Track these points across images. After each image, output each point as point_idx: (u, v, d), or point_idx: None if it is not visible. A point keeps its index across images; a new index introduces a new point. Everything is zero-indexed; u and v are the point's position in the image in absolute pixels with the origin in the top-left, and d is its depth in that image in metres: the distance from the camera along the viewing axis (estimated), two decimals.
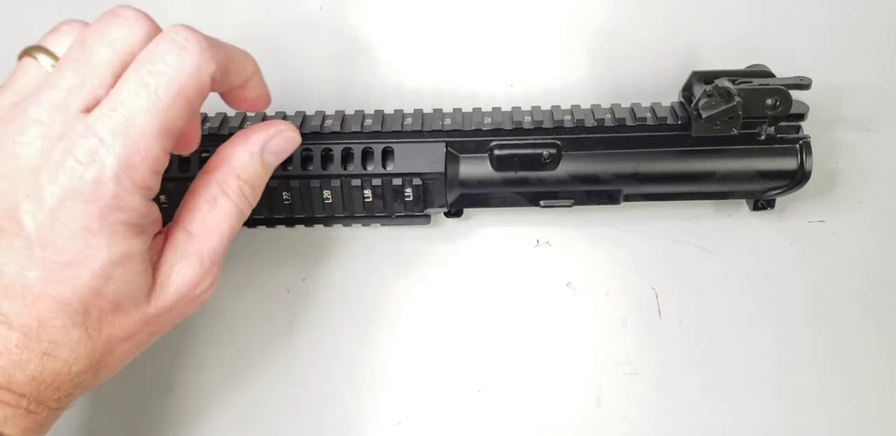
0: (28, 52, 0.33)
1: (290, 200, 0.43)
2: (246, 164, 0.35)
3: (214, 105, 0.48)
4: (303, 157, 0.43)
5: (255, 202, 0.35)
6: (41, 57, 0.32)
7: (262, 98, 0.36)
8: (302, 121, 0.43)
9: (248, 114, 0.44)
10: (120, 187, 0.30)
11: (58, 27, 0.33)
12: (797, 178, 0.43)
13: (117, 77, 0.31)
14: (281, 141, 0.36)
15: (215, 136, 0.42)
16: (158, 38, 0.31)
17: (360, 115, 0.44)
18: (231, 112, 0.44)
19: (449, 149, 0.43)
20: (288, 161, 0.43)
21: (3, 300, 0.30)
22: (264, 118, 0.44)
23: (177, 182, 0.41)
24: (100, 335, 0.32)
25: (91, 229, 0.30)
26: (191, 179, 0.36)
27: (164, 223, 0.35)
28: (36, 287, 0.30)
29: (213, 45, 0.32)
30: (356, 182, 0.43)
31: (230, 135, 0.37)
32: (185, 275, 0.34)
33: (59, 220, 0.30)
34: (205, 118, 0.44)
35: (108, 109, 0.30)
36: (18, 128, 0.30)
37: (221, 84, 0.33)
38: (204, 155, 0.42)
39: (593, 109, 0.44)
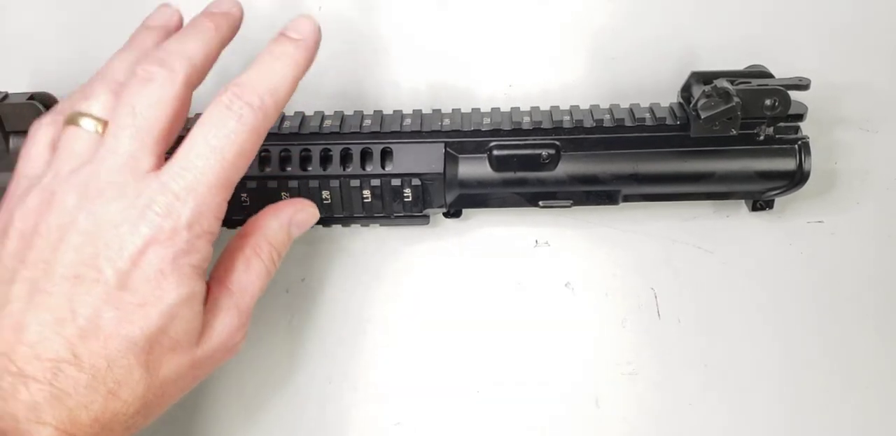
0: (72, 121, 0.35)
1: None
2: (276, 232, 0.39)
3: None
4: (301, 157, 0.43)
5: (277, 267, 0.40)
6: (85, 122, 0.35)
7: None
8: (301, 121, 0.43)
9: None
10: (192, 234, 0.34)
11: (89, 92, 0.36)
12: (796, 178, 0.43)
13: (170, 133, 0.35)
14: (304, 216, 0.40)
15: None
16: (216, 105, 0.34)
17: (359, 115, 0.44)
18: None
19: (448, 149, 0.43)
20: (287, 161, 0.43)
21: (77, 342, 0.33)
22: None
23: None
24: (157, 376, 0.35)
25: (164, 272, 0.34)
26: None
27: None
28: (109, 326, 0.33)
29: (265, 106, 0.35)
30: (355, 182, 0.43)
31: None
32: (226, 324, 0.37)
33: (138, 265, 0.33)
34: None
35: (180, 169, 0.34)
36: (96, 191, 0.34)
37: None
38: None
39: (592, 110, 0.44)
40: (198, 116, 0.35)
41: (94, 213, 0.33)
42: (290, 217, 0.40)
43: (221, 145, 0.34)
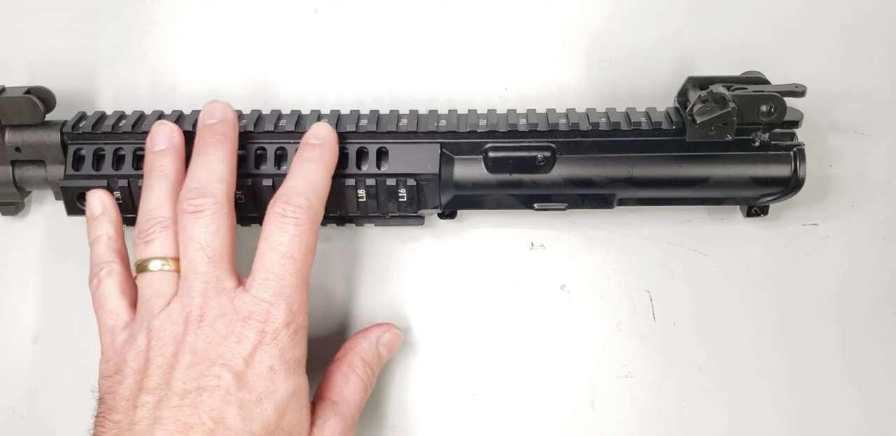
0: (143, 268, 0.40)
1: None
2: (367, 350, 0.44)
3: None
4: None
5: (374, 382, 0.44)
6: (155, 264, 0.40)
7: None
8: (297, 120, 0.44)
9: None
10: (290, 331, 0.39)
11: (146, 236, 0.40)
12: (791, 185, 0.43)
13: (232, 248, 0.40)
14: (390, 336, 0.45)
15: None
16: (273, 216, 0.39)
17: (356, 115, 0.44)
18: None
19: (444, 150, 0.43)
20: (283, 160, 0.43)
21: None
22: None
23: None
24: None
25: (274, 368, 0.38)
26: None
27: None
28: (234, 425, 0.37)
29: (313, 205, 0.40)
30: (350, 182, 0.43)
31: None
32: (334, 429, 0.41)
33: (252, 366, 0.38)
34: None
35: (263, 280, 0.39)
36: (197, 317, 0.38)
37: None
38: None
39: (588, 113, 0.44)
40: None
41: (201, 335, 0.38)
42: (378, 337, 0.45)
43: (289, 250, 0.39)
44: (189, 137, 0.43)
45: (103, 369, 0.40)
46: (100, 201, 0.43)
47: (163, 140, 0.42)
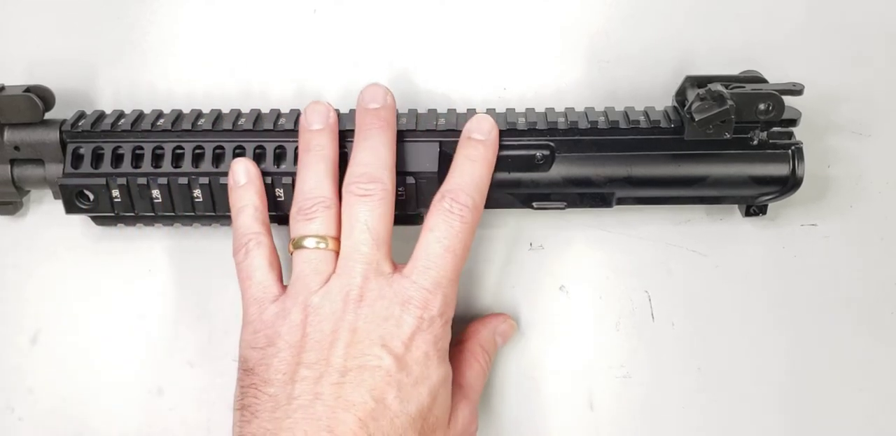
0: (300, 244, 0.40)
1: (283, 198, 0.43)
2: (486, 338, 0.46)
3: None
4: (297, 155, 0.43)
5: (489, 369, 0.46)
6: (313, 242, 0.40)
7: None
8: (296, 119, 0.44)
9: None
10: (443, 320, 0.40)
11: (309, 214, 0.41)
12: (789, 184, 0.43)
13: (391, 236, 0.41)
14: (506, 327, 0.47)
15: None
16: (440, 211, 0.40)
17: (353, 114, 0.44)
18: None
19: (443, 149, 0.43)
20: (282, 158, 0.43)
21: (370, 422, 0.37)
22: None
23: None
24: None
25: (428, 354, 0.39)
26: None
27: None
28: (394, 405, 0.38)
29: (476, 204, 0.41)
30: None
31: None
32: (464, 415, 0.42)
33: (410, 349, 0.39)
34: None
35: (424, 268, 0.40)
36: (357, 297, 0.39)
37: None
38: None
39: (587, 112, 0.44)
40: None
41: (361, 314, 0.39)
42: (496, 327, 0.46)
43: (452, 244, 0.40)
44: (187, 136, 0.43)
45: (251, 341, 0.40)
46: (244, 170, 0.42)
47: (319, 119, 0.42)
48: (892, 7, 0.47)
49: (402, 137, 0.43)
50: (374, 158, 0.41)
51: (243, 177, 0.42)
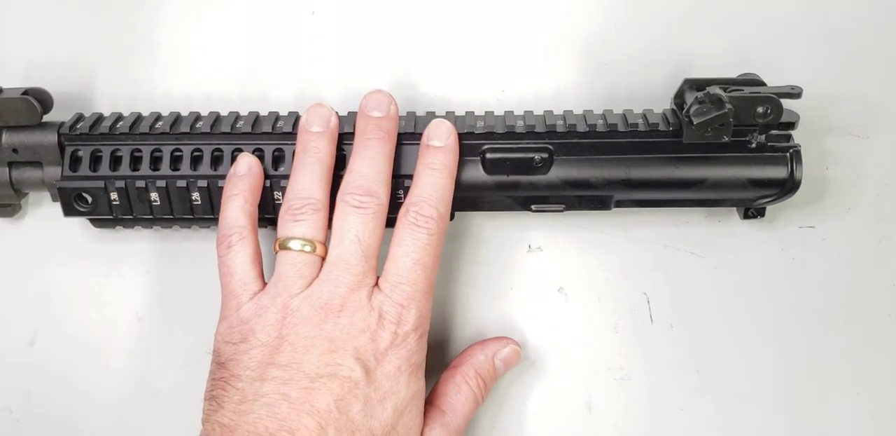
0: (284, 244, 0.40)
1: (280, 200, 0.43)
2: (482, 362, 0.44)
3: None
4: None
5: (486, 396, 0.45)
6: (298, 244, 0.40)
7: None
8: (294, 122, 0.44)
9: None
10: (417, 335, 0.40)
11: (297, 215, 0.41)
12: (787, 186, 0.43)
13: (378, 250, 0.41)
14: (508, 351, 0.45)
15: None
16: (406, 225, 0.41)
17: (353, 116, 0.44)
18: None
19: None
20: (280, 162, 0.43)
21: (331, 431, 0.37)
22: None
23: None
24: None
25: (401, 369, 0.39)
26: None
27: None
28: (357, 418, 0.38)
29: (441, 214, 0.41)
30: None
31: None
32: None
33: (382, 364, 0.39)
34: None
35: (396, 283, 0.40)
36: (338, 306, 0.39)
37: None
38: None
39: (585, 115, 0.44)
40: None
41: (340, 324, 0.39)
42: (496, 351, 0.45)
43: (420, 257, 0.40)
44: (185, 139, 0.43)
45: (226, 335, 0.40)
46: (247, 164, 0.42)
47: (320, 122, 0.42)
48: (889, 10, 0.47)
49: (400, 139, 0.43)
50: (372, 170, 0.41)
51: (244, 168, 0.42)
